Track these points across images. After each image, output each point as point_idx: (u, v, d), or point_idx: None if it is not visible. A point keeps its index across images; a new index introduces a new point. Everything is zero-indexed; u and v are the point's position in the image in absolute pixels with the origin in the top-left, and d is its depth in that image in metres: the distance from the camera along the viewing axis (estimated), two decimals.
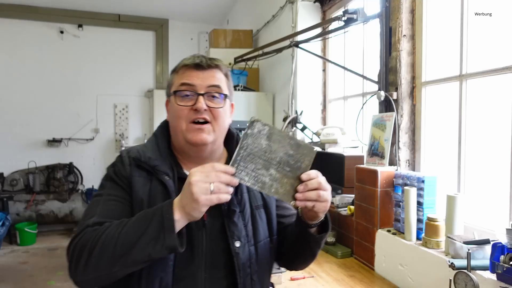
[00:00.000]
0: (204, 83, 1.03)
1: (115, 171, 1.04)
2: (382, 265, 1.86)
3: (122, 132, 5.90)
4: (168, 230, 0.84)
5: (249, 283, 1.02)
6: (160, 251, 0.86)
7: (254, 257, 1.04)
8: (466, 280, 1.27)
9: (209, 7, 5.47)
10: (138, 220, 0.89)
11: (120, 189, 1.01)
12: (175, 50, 6.01)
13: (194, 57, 1.05)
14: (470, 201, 1.73)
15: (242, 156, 0.89)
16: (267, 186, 0.90)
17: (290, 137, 0.92)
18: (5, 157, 5.35)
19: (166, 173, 1.01)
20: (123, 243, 0.86)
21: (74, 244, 0.91)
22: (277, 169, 0.90)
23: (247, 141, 0.89)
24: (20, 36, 5.41)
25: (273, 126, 0.92)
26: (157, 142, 1.08)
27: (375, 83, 2.20)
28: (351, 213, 2.14)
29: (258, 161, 0.89)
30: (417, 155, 2.04)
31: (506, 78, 1.57)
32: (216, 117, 1.04)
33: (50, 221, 5.25)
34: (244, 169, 0.89)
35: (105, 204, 0.98)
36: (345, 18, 2.32)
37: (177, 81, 1.05)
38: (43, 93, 5.52)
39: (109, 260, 0.86)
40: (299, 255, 1.13)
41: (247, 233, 1.03)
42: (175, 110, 1.04)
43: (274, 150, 0.91)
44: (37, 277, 3.79)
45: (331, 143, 2.60)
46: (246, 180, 0.89)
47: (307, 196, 0.90)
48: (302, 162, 0.92)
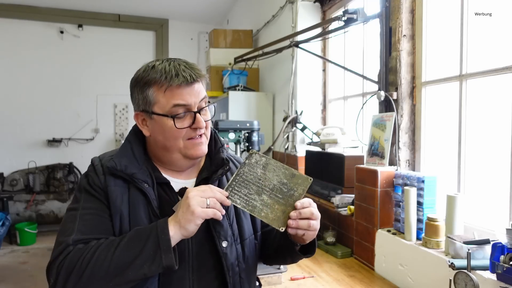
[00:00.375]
0: (197, 99, 0.99)
1: (88, 182, 0.98)
2: (382, 265, 1.86)
3: (122, 132, 5.89)
4: (165, 251, 0.84)
5: (238, 281, 1.02)
6: (156, 270, 0.85)
7: (242, 255, 1.05)
8: (466, 280, 1.27)
9: (209, 7, 5.47)
10: (131, 240, 0.87)
11: (95, 201, 0.96)
12: (175, 50, 6.01)
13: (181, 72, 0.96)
14: (470, 201, 1.73)
15: (237, 181, 0.97)
16: (257, 210, 0.95)
17: (285, 167, 1.00)
18: (5, 157, 5.36)
19: (145, 180, 0.98)
20: (117, 264, 0.84)
21: (58, 266, 0.86)
22: (270, 195, 0.97)
23: (244, 169, 0.98)
24: (20, 36, 5.41)
25: (270, 157, 1.00)
26: (132, 148, 1.03)
27: (375, 83, 2.20)
28: (351, 213, 2.14)
29: (252, 187, 0.97)
30: (417, 155, 2.04)
31: (506, 78, 1.57)
32: (207, 127, 1.05)
33: (50, 221, 5.25)
34: (237, 193, 0.96)
35: (82, 219, 0.93)
36: (345, 18, 2.32)
37: (166, 101, 0.96)
38: (43, 93, 5.52)
39: (101, 282, 0.84)
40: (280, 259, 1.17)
41: (233, 232, 1.04)
42: (171, 132, 0.98)
43: (269, 178, 0.98)
44: (37, 277, 3.79)
45: (331, 143, 2.60)
46: (238, 203, 0.95)
47: (299, 225, 0.92)
48: (295, 191, 0.97)
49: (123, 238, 0.88)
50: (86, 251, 0.86)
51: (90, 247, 0.87)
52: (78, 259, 0.85)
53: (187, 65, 1.00)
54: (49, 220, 5.23)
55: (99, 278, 0.84)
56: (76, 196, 1.00)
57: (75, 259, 0.85)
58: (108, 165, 0.98)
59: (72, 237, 0.89)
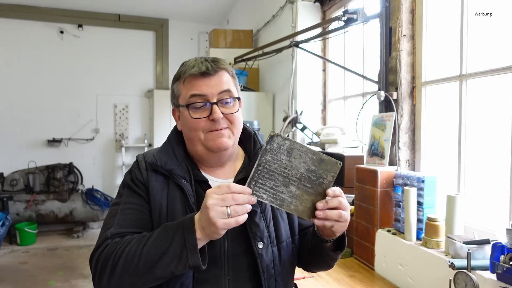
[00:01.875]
0: (215, 91, 0.99)
1: (132, 178, 1.03)
2: (382, 265, 1.86)
3: (122, 132, 5.90)
4: (191, 250, 0.84)
5: (273, 284, 1.01)
6: (183, 269, 0.86)
7: (278, 258, 1.02)
8: (466, 280, 1.27)
9: (209, 7, 5.47)
10: (159, 237, 0.88)
11: (137, 196, 1.00)
12: (175, 50, 6.02)
13: (198, 64, 1.00)
14: (470, 201, 1.73)
15: (261, 173, 0.86)
16: (286, 204, 0.87)
17: (312, 151, 0.88)
18: (5, 157, 5.36)
19: (183, 176, 1.00)
20: (145, 261, 0.86)
21: (97, 257, 0.91)
22: (298, 185, 0.87)
23: (266, 157, 0.86)
24: (20, 36, 5.41)
25: (294, 140, 0.88)
26: (172, 146, 1.07)
27: (375, 83, 2.20)
28: (351, 213, 2.14)
29: (277, 178, 0.86)
30: (417, 155, 2.04)
31: (506, 78, 1.57)
32: (233, 122, 1.02)
33: (50, 221, 5.25)
34: (262, 187, 0.86)
35: (123, 213, 0.98)
36: (345, 18, 2.32)
37: (185, 92, 1.00)
38: (43, 93, 5.52)
39: (132, 277, 0.87)
40: (315, 264, 1.12)
41: (269, 234, 1.02)
42: (190, 123, 1.00)
43: (295, 166, 0.87)
44: (37, 277, 3.79)
45: (331, 143, 2.60)
46: (264, 198, 0.86)
47: (328, 215, 0.87)
48: (324, 178, 0.88)
49: (152, 234, 0.90)
50: (119, 245, 0.89)
51: (124, 241, 0.90)
52: (112, 253, 0.89)
53: (209, 59, 1.03)
54: (49, 220, 5.23)
55: (131, 273, 0.87)
56: (119, 191, 1.05)
57: (110, 253, 0.89)
58: (150, 161, 1.02)
59: (111, 231, 0.94)
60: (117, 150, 5.89)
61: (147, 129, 5.98)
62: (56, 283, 3.63)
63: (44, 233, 5.23)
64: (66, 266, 4.06)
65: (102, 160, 5.85)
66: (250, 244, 0.99)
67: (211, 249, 0.96)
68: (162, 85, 5.97)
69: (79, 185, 5.62)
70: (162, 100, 5.19)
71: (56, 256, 4.44)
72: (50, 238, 5.11)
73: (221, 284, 0.97)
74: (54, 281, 3.68)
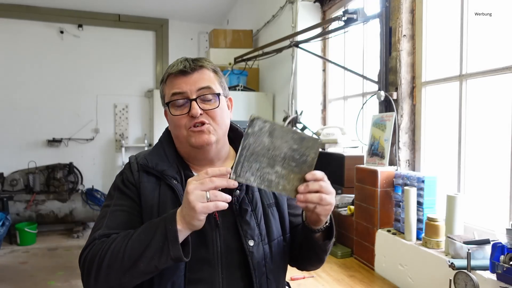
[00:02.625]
0: (194, 87, 1.01)
1: (123, 180, 1.05)
2: (382, 265, 1.86)
3: (122, 132, 5.90)
4: (172, 241, 0.84)
5: (265, 282, 1.01)
6: (165, 262, 0.86)
7: (269, 255, 1.03)
8: (466, 280, 1.27)
9: (209, 7, 5.47)
10: (142, 232, 0.89)
11: (127, 199, 1.02)
12: (175, 50, 6.01)
13: (178, 63, 1.04)
14: (470, 201, 1.73)
15: (245, 156, 0.87)
16: (274, 184, 0.88)
17: (292, 131, 0.90)
18: (5, 157, 5.36)
19: (174, 177, 1.02)
20: (129, 256, 0.86)
21: (84, 258, 0.93)
22: (283, 165, 0.88)
23: (249, 140, 0.87)
24: (20, 36, 5.41)
25: (274, 121, 0.89)
26: (163, 147, 1.09)
27: (375, 83, 2.20)
28: (351, 213, 2.14)
29: (262, 160, 0.87)
30: (417, 155, 2.04)
31: (506, 78, 1.57)
32: (213, 118, 1.03)
33: (50, 221, 5.24)
34: (249, 170, 0.87)
35: (112, 215, 0.99)
36: (345, 18, 2.32)
37: (168, 91, 1.04)
38: (43, 93, 5.52)
39: (117, 273, 0.88)
40: (306, 258, 1.13)
41: (260, 231, 1.03)
42: (172, 120, 1.04)
43: (278, 146, 0.88)
44: (37, 277, 3.79)
45: (331, 143, 2.60)
46: (252, 180, 0.87)
47: (308, 198, 0.88)
48: (307, 156, 0.89)
49: (136, 230, 0.91)
50: (105, 244, 0.91)
51: (109, 239, 0.92)
52: (98, 251, 0.90)
53: (190, 58, 1.06)
54: (49, 220, 5.22)
55: (116, 269, 0.87)
56: (110, 193, 1.06)
57: (96, 252, 0.90)
58: (141, 162, 1.05)
59: (99, 232, 0.95)
60: (117, 150, 5.89)
61: (147, 129, 5.98)
62: (56, 283, 3.63)
63: (44, 233, 5.23)
64: (66, 266, 4.06)
65: (102, 160, 5.85)
66: (241, 242, 1.00)
67: (204, 248, 0.97)
68: None
69: (79, 185, 5.62)
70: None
71: (56, 256, 4.44)
72: (50, 238, 5.11)
73: (215, 283, 0.98)
74: (54, 281, 3.68)
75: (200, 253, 0.97)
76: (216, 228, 1.00)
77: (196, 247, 0.95)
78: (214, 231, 1.00)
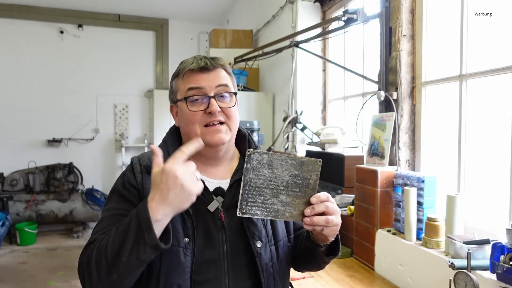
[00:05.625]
0: (213, 84, 1.01)
1: (123, 182, 1.03)
2: (382, 265, 1.86)
3: (122, 132, 5.90)
4: (147, 229, 0.82)
5: (272, 283, 1.02)
6: (144, 252, 0.83)
7: (275, 256, 1.04)
8: (466, 280, 1.27)
9: (209, 7, 5.47)
10: (120, 226, 0.88)
11: (125, 202, 1.00)
12: (175, 50, 6.01)
13: (197, 60, 1.03)
14: (470, 201, 1.73)
15: (248, 192, 0.89)
16: (281, 213, 0.90)
17: (291, 157, 0.91)
18: (5, 157, 5.36)
19: None
20: (111, 251, 0.85)
21: (79, 263, 0.93)
22: (287, 193, 0.90)
23: (249, 176, 0.90)
24: (20, 36, 5.41)
25: (271, 152, 0.91)
26: (167, 148, 1.06)
27: (375, 83, 2.20)
28: (351, 213, 2.14)
29: (266, 192, 0.90)
30: (417, 155, 2.04)
31: (506, 78, 1.57)
32: (229, 117, 1.03)
33: (50, 221, 5.25)
34: (254, 204, 0.89)
35: (109, 219, 0.98)
36: (345, 18, 2.32)
37: (183, 87, 1.02)
38: (43, 93, 5.52)
39: (105, 269, 0.86)
40: (306, 264, 1.14)
41: (267, 233, 1.03)
42: (187, 116, 1.01)
43: (279, 176, 0.90)
44: (37, 277, 3.79)
45: (331, 143, 2.60)
46: (259, 214, 0.89)
47: (314, 221, 0.89)
48: (309, 179, 0.91)
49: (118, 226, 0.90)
50: (94, 246, 0.90)
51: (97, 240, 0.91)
52: (90, 255, 0.90)
53: (207, 56, 1.05)
54: (49, 220, 5.23)
55: (103, 266, 0.86)
56: (109, 196, 1.05)
57: (89, 254, 0.90)
58: (145, 164, 1.03)
59: (94, 237, 0.94)
60: (117, 150, 5.89)
61: (147, 129, 5.98)
62: (56, 283, 3.63)
63: (44, 233, 5.22)
64: (66, 266, 4.06)
65: (102, 160, 5.85)
66: (248, 244, 1.00)
67: (210, 250, 0.97)
68: (162, 85, 5.97)
69: (79, 185, 5.62)
70: (162, 100, 5.17)
71: (56, 256, 4.44)
72: (50, 238, 5.11)
73: (222, 284, 0.97)
74: (54, 281, 3.68)
75: (206, 255, 0.96)
76: (222, 230, 1.00)
77: (203, 249, 0.95)
78: (221, 233, 0.99)
